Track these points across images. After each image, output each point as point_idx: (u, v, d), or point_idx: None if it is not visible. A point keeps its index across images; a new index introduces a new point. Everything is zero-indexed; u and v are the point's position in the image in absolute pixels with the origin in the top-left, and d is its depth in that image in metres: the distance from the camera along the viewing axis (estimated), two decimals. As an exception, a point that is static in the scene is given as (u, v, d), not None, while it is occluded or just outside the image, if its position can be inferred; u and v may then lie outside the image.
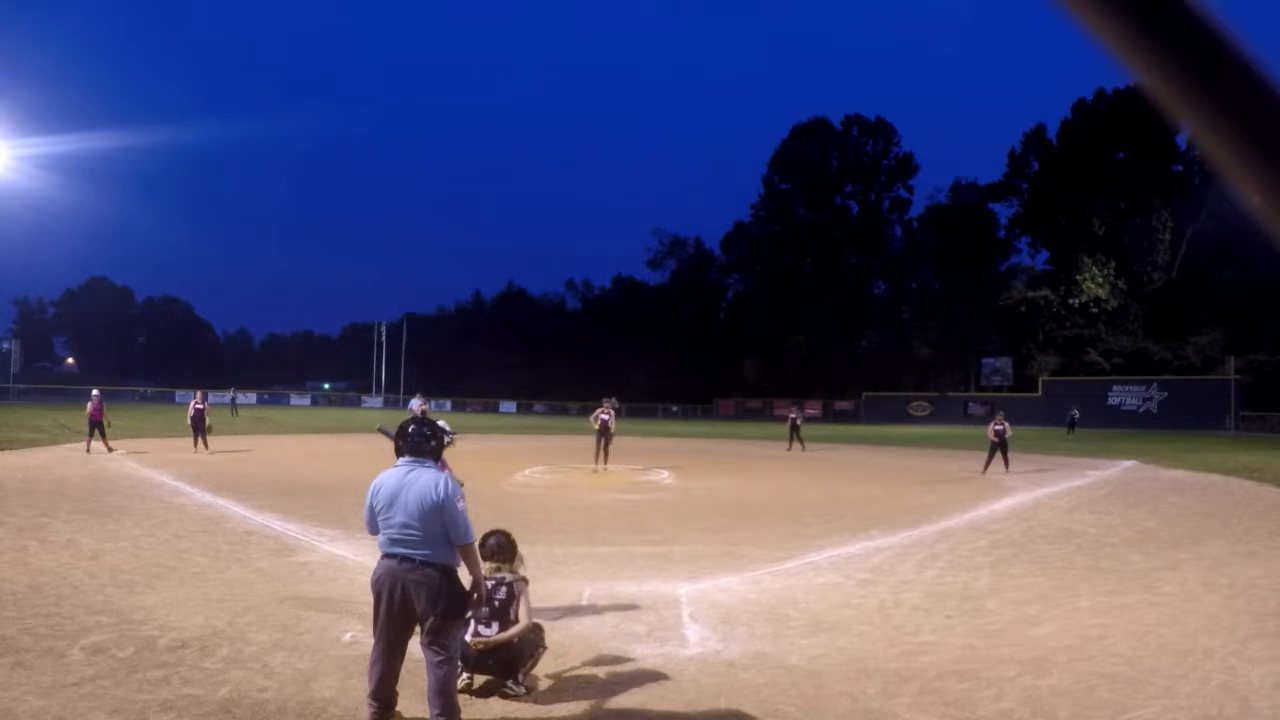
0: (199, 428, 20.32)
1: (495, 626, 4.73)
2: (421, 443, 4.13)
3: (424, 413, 15.70)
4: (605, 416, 18.44)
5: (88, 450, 18.83)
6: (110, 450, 19.05)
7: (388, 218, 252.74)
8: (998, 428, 18.47)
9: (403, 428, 4.24)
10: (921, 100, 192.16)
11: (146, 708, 4.28)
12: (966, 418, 53.54)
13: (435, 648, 3.89)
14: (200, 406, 20.56)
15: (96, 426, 19.04)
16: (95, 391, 20.05)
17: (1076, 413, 42.41)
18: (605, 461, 18.32)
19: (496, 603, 4.75)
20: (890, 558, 8.89)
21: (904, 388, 65.57)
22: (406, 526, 3.90)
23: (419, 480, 3.96)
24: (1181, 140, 58.25)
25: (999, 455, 18.41)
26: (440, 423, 4.53)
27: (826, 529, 10.77)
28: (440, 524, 3.89)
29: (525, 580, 4.98)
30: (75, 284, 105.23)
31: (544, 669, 4.98)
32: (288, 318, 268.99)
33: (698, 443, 31.44)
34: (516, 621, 4.75)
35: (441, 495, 3.89)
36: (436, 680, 3.89)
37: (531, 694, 4.64)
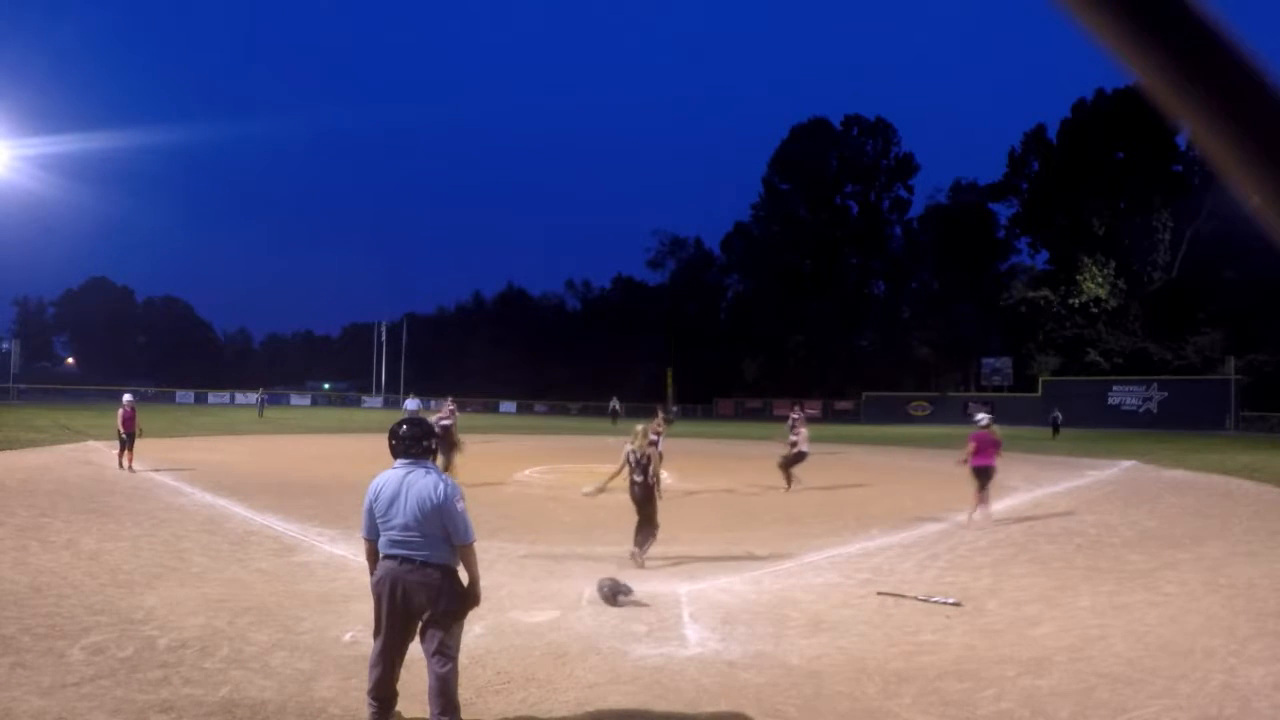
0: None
1: (640, 475, 8.31)
2: (413, 444, 4.07)
3: (452, 412, 15.51)
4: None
5: (122, 466, 15.69)
6: (129, 468, 15.64)
7: (388, 218, 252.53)
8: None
9: (395, 428, 4.12)
10: (921, 100, 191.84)
11: (146, 708, 4.28)
12: (966, 418, 53.38)
13: (439, 649, 3.89)
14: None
15: (128, 438, 15.81)
16: (127, 397, 16.73)
17: (1059, 415, 42.27)
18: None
19: (641, 462, 8.42)
20: (890, 558, 8.90)
21: (904, 388, 65.47)
22: (407, 529, 3.90)
23: (418, 483, 3.94)
24: (1181, 140, 58.21)
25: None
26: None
27: (826, 529, 10.77)
28: (440, 525, 3.90)
29: (655, 445, 8.57)
30: (75, 284, 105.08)
31: (542, 670, 5.03)
32: (288, 318, 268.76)
33: (698, 443, 31.41)
34: (654, 474, 8.42)
35: (440, 498, 3.89)
36: (439, 680, 3.90)
37: (643, 566, 7.52)
